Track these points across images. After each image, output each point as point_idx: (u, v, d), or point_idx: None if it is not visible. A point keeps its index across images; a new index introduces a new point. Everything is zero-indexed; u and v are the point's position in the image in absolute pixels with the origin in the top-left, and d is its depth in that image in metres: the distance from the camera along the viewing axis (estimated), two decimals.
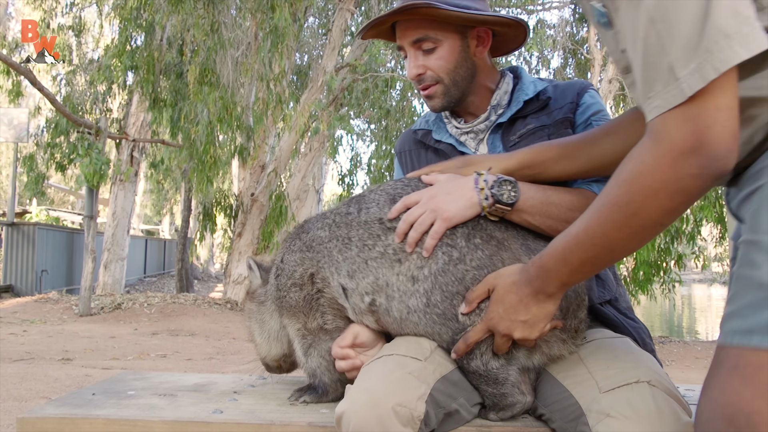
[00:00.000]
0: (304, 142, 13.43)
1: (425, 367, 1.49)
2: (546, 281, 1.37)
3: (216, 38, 10.19)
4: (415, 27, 1.82)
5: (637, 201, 1.12)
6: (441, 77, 1.85)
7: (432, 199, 1.58)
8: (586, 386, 1.42)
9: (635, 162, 1.12)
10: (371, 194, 1.71)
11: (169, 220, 37.53)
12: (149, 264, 24.97)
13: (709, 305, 25.64)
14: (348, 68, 12.68)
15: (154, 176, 19.65)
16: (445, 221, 1.55)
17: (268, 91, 10.73)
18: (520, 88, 1.90)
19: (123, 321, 10.08)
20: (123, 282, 15.26)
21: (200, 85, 10.29)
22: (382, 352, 1.58)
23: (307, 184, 14.37)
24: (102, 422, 1.62)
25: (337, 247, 1.66)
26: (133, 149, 14.38)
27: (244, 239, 12.95)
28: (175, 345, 7.92)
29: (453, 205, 1.57)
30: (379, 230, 1.63)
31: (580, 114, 1.83)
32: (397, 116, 13.10)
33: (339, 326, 1.72)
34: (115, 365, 6.10)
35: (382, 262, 1.59)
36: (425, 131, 2.02)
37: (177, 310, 10.99)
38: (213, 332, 9.36)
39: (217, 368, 6.43)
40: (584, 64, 14.75)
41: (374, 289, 1.60)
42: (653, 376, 1.36)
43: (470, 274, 1.52)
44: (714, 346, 1.15)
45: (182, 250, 17.92)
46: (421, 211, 1.58)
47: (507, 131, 1.87)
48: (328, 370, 1.74)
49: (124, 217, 14.78)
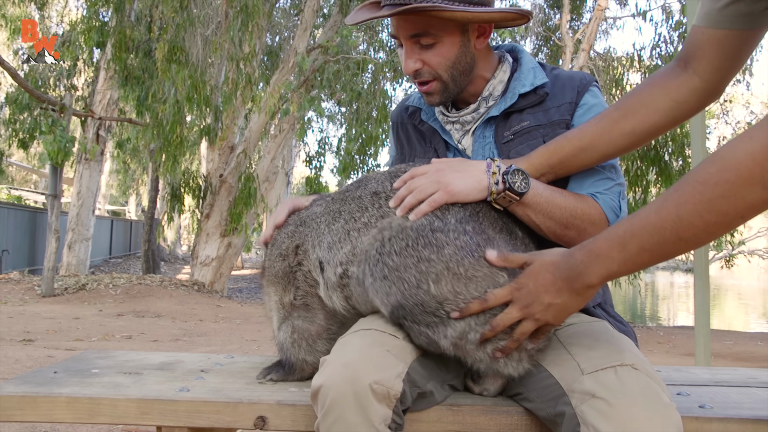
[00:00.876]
0: (274, 124, 13.31)
1: (403, 345, 1.47)
2: (591, 267, 1.28)
3: (185, 15, 9.99)
4: (414, 21, 1.68)
5: (729, 182, 1.03)
6: (439, 74, 1.73)
7: (439, 172, 1.55)
8: (568, 367, 1.42)
9: (742, 138, 1.01)
10: (376, 174, 1.71)
11: (135, 200, 37.00)
12: (115, 245, 24.65)
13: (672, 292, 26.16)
14: (320, 50, 12.57)
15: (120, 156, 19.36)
16: (447, 194, 1.51)
17: (238, 71, 10.58)
18: (517, 78, 1.79)
19: (87, 302, 9.93)
20: (88, 263, 15.02)
21: (168, 63, 10.10)
22: (359, 325, 1.55)
23: (276, 166, 14.27)
24: (64, 401, 1.58)
25: (326, 221, 1.66)
26: (99, 128, 14.08)
27: (212, 220, 12.83)
28: (141, 326, 7.83)
29: (460, 182, 1.52)
30: (368, 202, 1.61)
31: (579, 116, 1.73)
32: (369, 99, 13.01)
33: (307, 304, 1.70)
34: (78, 346, 6.00)
35: (363, 232, 1.57)
36: (415, 109, 1.94)
37: (143, 291, 10.86)
38: (179, 314, 9.27)
39: (183, 349, 6.37)
40: (556, 51, 14.82)
41: (349, 259, 1.57)
42: (636, 360, 1.36)
43: (450, 249, 1.44)
44: (675, 331, 1.14)
45: (149, 231, 17.70)
46: (426, 180, 1.54)
47: (501, 125, 1.77)
48: (293, 347, 1.72)
49: (89, 197, 14.52)
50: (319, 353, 1.67)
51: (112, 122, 14.77)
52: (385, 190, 1.62)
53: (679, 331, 11.34)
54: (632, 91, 1.62)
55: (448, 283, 1.42)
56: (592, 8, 13.37)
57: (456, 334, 1.43)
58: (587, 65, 13.00)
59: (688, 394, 1.72)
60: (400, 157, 1.98)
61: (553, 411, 1.39)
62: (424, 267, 1.43)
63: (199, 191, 13.68)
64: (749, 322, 15.73)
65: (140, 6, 11.95)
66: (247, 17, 9.82)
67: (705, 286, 3.50)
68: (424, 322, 1.44)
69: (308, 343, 1.70)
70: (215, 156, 13.30)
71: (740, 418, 1.52)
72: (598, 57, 14.36)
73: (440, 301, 1.42)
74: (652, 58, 13.39)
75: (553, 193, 1.59)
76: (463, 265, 1.42)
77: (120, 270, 19.26)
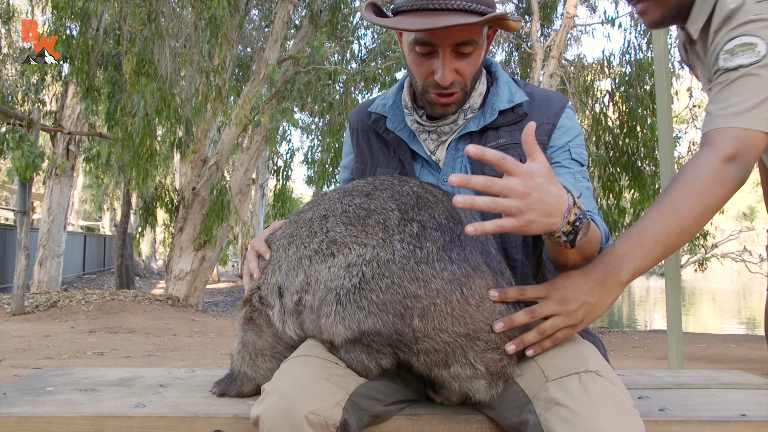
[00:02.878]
0: (247, 136, 13.24)
1: (344, 372, 1.46)
2: (620, 266, 1.45)
3: (153, 28, 9.90)
4: (463, 28, 1.58)
5: (700, 183, 1.52)
6: (466, 83, 1.68)
7: (536, 200, 1.29)
8: (532, 374, 1.42)
9: (698, 153, 1.58)
10: (331, 193, 1.65)
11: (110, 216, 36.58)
12: (88, 261, 24.35)
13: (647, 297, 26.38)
14: (291, 60, 12.55)
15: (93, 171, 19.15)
16: (524, 224, 1.29)
17: (208, 83, 10.50)
18: (494, 93, 1.77)
19: (59, 319, 9.77)
20: (60, 279, 14.79)
21: (137, 75, 9.99)
22: (301, 350, 1.53)
23: (249, 178, 14.19)
24: (14, 421, 1.54)
25: (283, 245, 1.62)
26: (69, 142, 13.92)
27: (185, 234, 12.72)
28: (113, 342, 7.71)
29: (542, 215, 1.30)
30: (318, 227, 1.55)
31: (557, 137, 1.74)
32: (340, 109, 13.00)
33: (253, 318, 1.69)
34: (48, 365, 5.89)
35: (315, 259, 1.52)
36: (378, 116, 1.88)
37: (116, 307, 10.70)
38: (153, 329, 9.15)
39: (155, 365, 6.28)
40: (527, 58, 14.94)
41: (303, 288, 1.53)
42: (600, 366, 1.37)
43: (437, 283, 1.38)
44: (650, 336, 1.17)
45: (122, 246, 17.50)
46: (514, 203, 1.27)
47: (476, 141, 1.73)
48: (238, 357, 1.71)
49: (60, 213, 14.32)
50: (260, 370, 1.66)
51: (83, 137, 14.60)
52: (335, 213, 1.55)
53: (654, 335, 11.42)
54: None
55: (434, 319, 1.37)
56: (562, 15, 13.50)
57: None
58: (557, 72, 13.11)
59: (650, 398, 1.73)
60: (360, 165, 1.92)
61: (518, 419, 1.39)
62: (410, 303, 1.38)
63: (172, 205, 13.56)
64: (723, 325, 15.90)
65: (110, 19, 11.84)
66: (216, 29, 9.75)
67: (676, 289, 3.54)
68: (396, 348, 1.42)
69: (251, 356, 1.68)
70: (188, 169, 13.20)
71: (699, 420, 1.53)
72: (568, 64, 14.50)
73: (418, 337, 1.39)
74: (621, 64, 13.54)
75: (594, 230, 1.49)
76: (451, 302, 1.38)
77: (93, 286, 19.01)
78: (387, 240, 1.43)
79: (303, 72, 12.17)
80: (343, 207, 1.55)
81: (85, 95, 11.46)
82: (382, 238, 1.44)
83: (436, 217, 1.47)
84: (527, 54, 14.59)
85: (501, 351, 1.43)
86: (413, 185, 1.57)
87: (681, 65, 13.83)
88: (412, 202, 1.50)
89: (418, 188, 1.55)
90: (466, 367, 1.41)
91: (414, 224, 1.45)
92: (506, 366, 1.44)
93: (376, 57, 12.60)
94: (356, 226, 1.49)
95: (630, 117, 12.54)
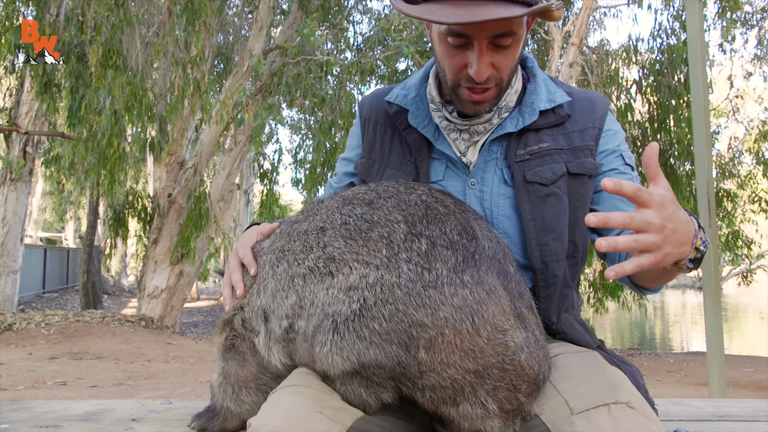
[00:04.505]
0: (229, 136, 13.23)
1: (340, 405, 1.44)
2: None
3: (121, 14, 9.89)
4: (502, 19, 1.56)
5: None
6: (502, 79, 1.68)
7: (671, 231, 1.30)
8: (554, 405, 1.41)
9: None
10: (330, 201, 1.64)
11: (73, 226, 36.57)
12: (49, 277, 24.28)
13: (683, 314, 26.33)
14: (278, 51, 12.56)
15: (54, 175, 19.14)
16: (661, 259, 1.30)
17: (185, 76, 10.50)
18: (533, 91, 1.78)
19: (14, 344, 9.75)
20: (16, 299, 14.77)
21: (103, 68, 9.97)
22: (291, 380, 1.51)
23: (233, 183, 14.19)
24: None
25: (270, 261, 1.61)
26: (26, 143, 13.93)
27: (160, 246, 12.71)
28: (78, 370, 7.70)
29: (676, 246, 1.32)
30: (314, 241, 1.54)
31: (605, 141, 1.79)
32: (334, 105, 13.00)
33: (235, 345, 1.68)
34: (2, 397, 5.88)
35: (310, 279, 1.50)
36: (399, 109, 1.87)
37: (81, 329, 10.69)
38: (124, 354, 9.14)
39: (126, 396, 6.27)
40: (543, 46, 14.97)
41: (295, 312, 1.51)
42: (631, 396, 1.35)
43: (446, 310, 1.37)
44: (688, 358, 1.15)
45: (87, 261, 17.49)
46: (653, 239, 1.28)
47: (515, 143, 1.75)
48: (219, 390, 1.71)
49: (16, 223, 14.31)
50: (245, 404, 1.65)
51: (42, 137, 14.60)
52: (333, 225, 1.54)
53: (692, 357, 11.40)
54: None
55: (441, 352, 1.36)
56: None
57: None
58: (577, 61, 13.12)
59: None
60: (366, 162, 1.91)
61: None
62: (415, 332, 1.37)
63: (145, 213, 13.55)
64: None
65: (71, 4, 11.83)
66: (193, 15, 9.75)
67: (716, 305, 3.53)
68: (399, 381, 1.41)
69: (234, 390, 1.68)
70: (163, 173, 13.20)
71: None
72: (590, 51, 14.50)
73: (423, 370, 1.38)
74: (651, 50, 13.50)
75: None
76: (460, 333, 1.36)
77: (55, 306, 18.98)
78: (392, 259, 1.42)
79: (292, 63, 12.19)
80: (342, 218, 1.54)
81: (43, 90, 11.43)
82: (386, 256, 1.43)
83: (447, 233, 1.46)
84: (543, 41, 14.61)
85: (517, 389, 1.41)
86: (421, 193, 1.56)
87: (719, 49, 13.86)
88: (421, 213, 1.50)
89: (427, 197, 1.55)
90: (477, 406, 1.40)
91: (422, 240, 1.44)
92: (523, 403, 1.42)
93: (374, 46, 12.60)
94: (357, 241, 1.47)
95: (661, 109, 12.51)
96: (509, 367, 1.39)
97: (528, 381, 1.42)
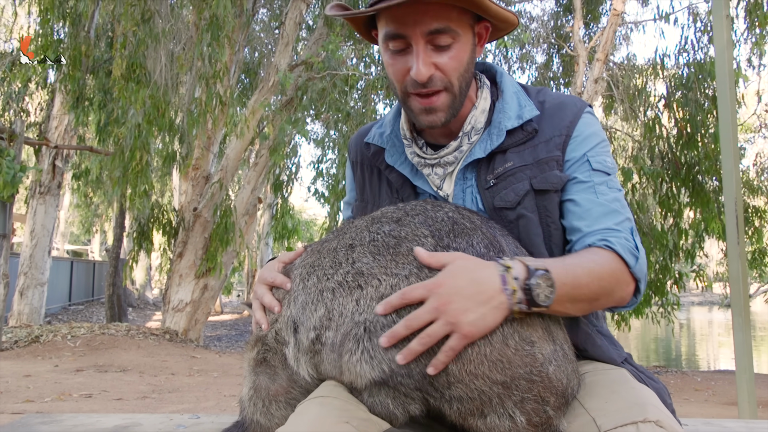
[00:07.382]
0: (254, 150, 13.31)
1: (367, 416, 1.44)
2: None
3: (148, 29, 10.03)
4: (435, 14, 1.56)
5: None
6: (451, 82, 1.62)
7: (447, 304, 1.35)
8: (581, 423, 1.40)
9: None
10: (358, 221, 1.65)
11: (100, 239, 36.91)
12: (75, 290, 24.51)
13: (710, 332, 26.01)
14: (303, 66, 12.65)
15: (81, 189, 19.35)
16: (465, 338, 1.34)
17: (208, 90, 10.59)
18: (501, 109, 1.71)
19: (41, 356, 9.85)
20: (43, 311, 14.92)
21: (126, 81, 10.10)
22: (319, 391, 1.52)
23: (257, 198, 14.27)
24: None
25: (301, 275, 1.62)
26: (55, 157, 14.11)
27: (185, 260, 12.79)
28: (103, 383, 7.76)
29: (477, 317, 1.35)
30: (343, 257, 1.55)
31: (573, 149, 1.68)
32: (359, 119, 13.05)
33: (267, 359, 1.69)
34: (28, 409, 5.93)
35: (339, 292, 1.51)
36: (377, 149, 1.85)
37: (106, 342, 10.78)
38: (148, 367, 9.20)
39: (151, 409, 6.31)
40: (569, 61, 14.94)
41: (323, 324, 1.52)
42: (660, 415, 1.34)
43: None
44: (715, 377, 1.14)
45: (113, 274, 17.62)
46: (431, 318, 1.36)
47: (484, 168, 1.70)
48: (249, 404, 1.71)
49: (44, 236, 14.48)
50: (274, 417, 1.65)
51: (71, 151, 14.77)
52: (362, 242, 1.55)
53: (720, 376, 11.25)
54: None
55: (471, 362, 1.38)
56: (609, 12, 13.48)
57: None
58: (603, 77, 13.07)
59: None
60: (360, 204, 1.90)
61: None
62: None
63: (170, 227, 13.64)
64: None
65: (101, 20, 11.99)
66: (218, 30, 9.84)
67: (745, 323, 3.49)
68: (427, 393, 1.41)
69: (264, 403, 1.68)
70: (188, 187, 13.30)
71: None
72: (616, 66, 14.43)
73: (452, 381, 1.38)
74: (678, 65, 13.41)
75: (576, 275, 1.48)
76: (491, 343, 1.39)
77: (81, 318, 19.15)
78: (422, 269, 1.43)
79: (317, 78, 12.26)
80: (371, 235, 1.55)
81: (75, 105, 11.60)
82: (416, 266, 1.44)
83: (474, 245, 1.48)
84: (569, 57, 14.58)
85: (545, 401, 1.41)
86: (448, 210, 1.57)
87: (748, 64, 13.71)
88: (448, 228, 1.51)
89: (453, 213, 1.56)
90: (504, 418, 1.39)
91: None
92: (552, 417, 1.42)
93: None
94: (385, 257, 1.49)
95: (689, 125, 12.41)
96: (537, 379, 1.39)
97: (556, 394, 1.42)
